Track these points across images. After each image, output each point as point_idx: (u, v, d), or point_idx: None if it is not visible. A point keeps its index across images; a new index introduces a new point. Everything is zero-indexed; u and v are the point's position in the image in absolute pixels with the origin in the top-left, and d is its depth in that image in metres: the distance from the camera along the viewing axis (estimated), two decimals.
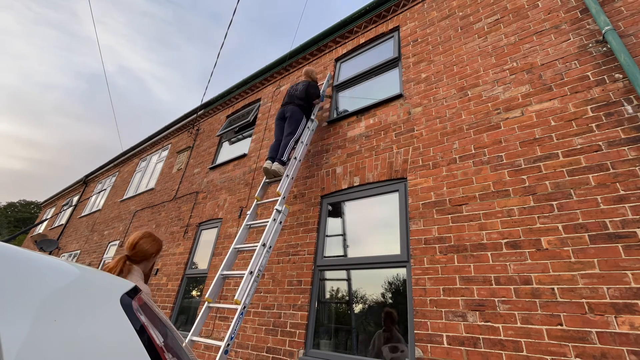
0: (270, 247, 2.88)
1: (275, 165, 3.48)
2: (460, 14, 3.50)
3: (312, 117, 3.97)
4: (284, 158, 3.52)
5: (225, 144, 6.11)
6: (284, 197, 3.26)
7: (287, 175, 3.41)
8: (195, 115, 7.14)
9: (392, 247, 2.77)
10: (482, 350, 1.98)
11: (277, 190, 3.32)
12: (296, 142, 3.66)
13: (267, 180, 3.66)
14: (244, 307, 2.49)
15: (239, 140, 5.84)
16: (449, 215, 2.52)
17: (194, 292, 4.51)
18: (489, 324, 2.03)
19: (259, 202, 3.54)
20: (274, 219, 3.04)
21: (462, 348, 2.05)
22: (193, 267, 4.71)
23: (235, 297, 2.52)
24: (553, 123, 2.38)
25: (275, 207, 3.12)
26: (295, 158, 3.57)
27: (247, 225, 3.29)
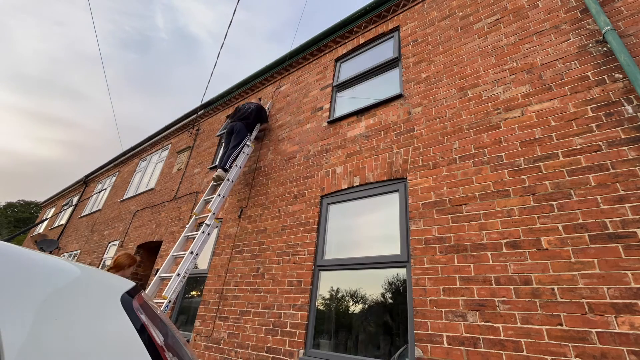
0: (197, 254, 3.53)
1: (219, 172, 4.24)
2: (460, 14, 3.50)
3: (249, 142, 4.62)
4: (227, 166, 4.29)
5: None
6: (214, 213, 3.87)
7: (220, 195, 4.04)
8: (195, 115, 7.14)
9: (392, 247, 2.77)
10: (482, 350, 1.98)
11: (209, 207, 3.99)
12: (239, 153, 4.47)
13: (214, 183, 4.42)
14: (169, 301, 3.11)
15: None
16: (449, 215, 2.52)
17: (193, 292, 4.51)
18: (489, 324, 2.03)
19: (197, 217, 4.14)
20: (203, 232, 3.66)
21: (462, 348, 2.05)
22: (193, 267, 4.69)
23: (164, 294, 3.14)
24: (553, 123, 2.38)
25: (205, 222, 3.75)
26: (228, 180, 4.20)
27: (185, 236, 3.92)
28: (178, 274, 3.29)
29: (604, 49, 2.40)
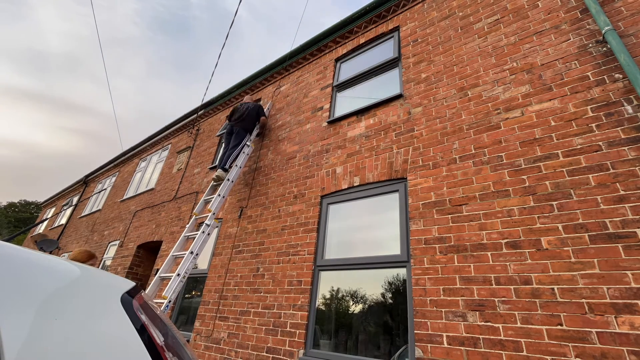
0: (197, 254, 3.53)
1: (219, 172, 4.28)
2: (460, 14, 3.50)
3: (249, 142, 4.63)
4: (227, 166, 4.35)
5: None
6: (214, 213, 3.87)
7: (220, 195, 4.06)
8: (195, 115, 7.14)
9: (392, 247, 2.77)
10: (482, 350, 1.98)
11: (209, 207, 4.00)
12: (239, 153, 4.49)
13: (214, 183, 4.45)
14: (169, 301, 3.09)
15: None
16: (449, 215, 2.52)
17: (194, 292, 4.51)
18: (489, 324, 2.03)
19: (197, 217, 4.15)
20: (203, 232, 3.67)
21: (462, 348, 2.05)
22: (193, 267, 4.70)
23: (164, 294, 3.14)
24: (553, 123, 2.38)
25: (205, 222, 3.76)
26: (228, 180, 4.22)
27: (185, 236, 3.92)
28: (178, 274, 3.30)
29: (604, 49, 2.40)
